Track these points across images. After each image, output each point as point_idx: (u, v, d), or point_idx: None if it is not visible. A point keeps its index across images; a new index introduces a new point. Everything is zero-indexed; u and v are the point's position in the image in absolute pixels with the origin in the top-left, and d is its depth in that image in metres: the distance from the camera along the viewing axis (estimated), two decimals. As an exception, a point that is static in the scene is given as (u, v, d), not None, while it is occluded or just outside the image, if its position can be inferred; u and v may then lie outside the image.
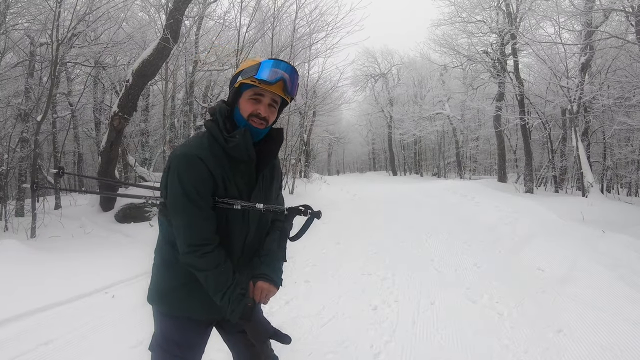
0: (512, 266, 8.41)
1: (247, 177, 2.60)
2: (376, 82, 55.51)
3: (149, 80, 14.21)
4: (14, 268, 8.01)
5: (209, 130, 2.54)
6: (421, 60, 38.91)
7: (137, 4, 16.95)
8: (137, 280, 8.17)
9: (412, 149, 54.09)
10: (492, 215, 13.52)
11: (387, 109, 51.80)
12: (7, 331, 5.83)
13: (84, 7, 12.75)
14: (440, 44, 29.40)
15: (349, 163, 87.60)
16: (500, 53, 24.21)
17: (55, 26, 11.31)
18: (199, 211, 2.42)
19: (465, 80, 31.12)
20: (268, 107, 2.51)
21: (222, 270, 2.45)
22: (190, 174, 2.41)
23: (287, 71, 2.48)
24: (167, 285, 2.66)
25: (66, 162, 28.38)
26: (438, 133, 44.38)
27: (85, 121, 24.51)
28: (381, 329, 5.56)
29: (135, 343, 5.31)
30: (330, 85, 28.80)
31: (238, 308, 2.46)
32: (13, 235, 10.78)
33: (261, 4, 18.41)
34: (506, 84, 24.42)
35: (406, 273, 8.04)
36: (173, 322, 2.72)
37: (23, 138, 13.64)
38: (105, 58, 18.13)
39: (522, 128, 22.90)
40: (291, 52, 21.34)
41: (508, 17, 23.15)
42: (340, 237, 11.66)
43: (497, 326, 5.53)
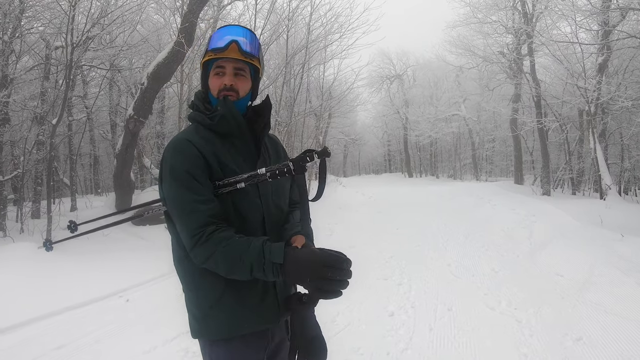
0: (530, 271, 8.31)
1: (245, 151, 2.37)
2: (392, 84, 55.41)
3: (164, 83, 14.23)
4: (29, 271, 8.03)
5: (192, 119, 2.40)
6: (437, 62, 38.70)
7: (152, 6, 17.00)
8: (152, 283, 8.20)
9: (428, 151, 53.91)
10: (508, 218, 13.39)
11: (403, 111, 51.64)
12: (20, 335, 5.88)
13: (98, 11, 12.80)
14: (455, 45, 29.28)
15: (365, 165, 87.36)
16: (516, 54, 24.04)
17: (69, 30, 11.34)
18: (196, 195, 2.16)
19: (481, 81, 30.96)
20: (234, 76, 2.33)
21: (235, 240, 2.08)
22: (178, 157, 2.22)
23: (238, 33, 2.33)
24: (203, 307, 2.30)
25: (82, 164, 28.56)
26: (454, 135, 44.13)
27: (101, 124, 24.68)
28: (397, 335, 5.50)
29: (149, 348, 5.31)
30: (345, 87, 28.78)
31: (274, 247, 2.02)
32: (28, 238, 10.83)
33: (276, 6, 18.39)
34: (522, 85, 24.26)
35: (423, 278, 7.98)
36: (225, 347, 2.32)
37: (39, 141, 13.71)
38: (121, 61, 18.24)
39: (539, 130, 22.72)
40: (306, 53, 21.33)
41: (524, 17, 22.99)
42: (355, 241, 11.61)
43: (516, 334, 5.44)
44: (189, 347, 5.15)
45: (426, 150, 54.46)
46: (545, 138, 22.77)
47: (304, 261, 1.94)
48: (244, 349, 2.31)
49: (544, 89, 22.60)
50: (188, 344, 5.16)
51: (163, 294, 7.35)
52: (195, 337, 2.38)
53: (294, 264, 1.95)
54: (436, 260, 9.35)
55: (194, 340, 2.41)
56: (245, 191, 2.25)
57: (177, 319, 4.97)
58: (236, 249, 2.04)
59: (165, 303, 6.72)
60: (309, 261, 1.93)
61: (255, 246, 2.02)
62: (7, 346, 5.57)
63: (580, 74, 17.84)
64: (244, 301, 2.24)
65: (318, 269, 1.90)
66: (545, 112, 22.42)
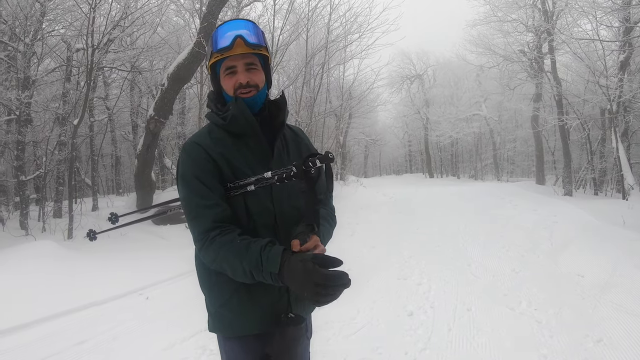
0: (550, 272, 8.22)
1: (258, 152, 2.33)
2: (412, 84, 55.19)
3: (184, 83, 14.33)
4: (50, 268, 8.14)
5: (208, 119, 2.41)
6: (457, 61, 38.44)
7: (172, 9, 17.11)
8: (172, 282, 8.26)
9: (449, 151, 53.52)
10: (530, 218, 13.28)
11: (424, 111, 51.43)
12: (42, 331, 5.98)
13: (119, 13, 12.91)
14: (476, 44, 29.13)
15: (386, 165, 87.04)
16: (537, 52, 23.85)
17: (90, 32, 11.45)
18: (202, 199, 2.18)
19: (502, 80, 30.72)
20: (247, 72, 2.29)
21: (238, 242, 2.07)
22: (187, 161, 2.26)
23: (240, 27, 2.28)
24: (217, 304, 2.35)
25: (104, 165, 28.79)
26: (475, 135, 43.81)
27: (122, 124, 24.86)
28: (416, 335, 5.48)
29: (166, 345, 5.37)
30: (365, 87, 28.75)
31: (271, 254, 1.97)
32: (50, 236, 10.98)
33: (294, 6, 18.42)
34: (544, 84, 24.07)
35: (442, 278, 7.94)
36: (239, 343, 2.35)
37: (61, 141, 13.89)
38: (142, 62, 18.36)
39: (561, 129, 22.52)
40: (326, 53, 21.36)
41: (544, 15, 22.81)
42: (375, 241, 11.61)
43: (536, 335, 5.38)
44: (207, 344, 5.19)
45: (447, 151, 54.10)
46: (567, 137, 22.56)
47: (297, 275, 1.88)
48: (256, 345, 2.31)
49: (565, 88, 22.43)
50: (206, 342, 5.20)
51: (182, 292, 7.39)
52: (211, 331, 2.42)
53: (288, 274, 1.91)
54: (456, 260, 9.30)
55: (212, 338, 2.45)
56: (256, 193, 2.23)
57: (195, 317, 5.00)
58: (236, 255, 2.04)
59: (184, 301, 6.76)
60: (301, 277, 1.85)
61: (253, 252, 2.00)
62: (29, 341, 5.67)
63: (602, 72, 17.68)
64: (255, 302, 2.25)
65: (310, 286, 1.83)
66: (566, 110, 22.22)
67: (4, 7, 12.48)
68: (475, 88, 40.74)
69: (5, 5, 12.47)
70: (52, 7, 13.31)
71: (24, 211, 11.97)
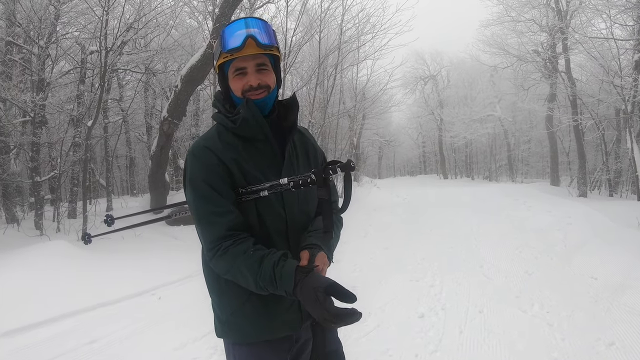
0: (563, 274, 8.17)
1: (269, 156, 2.27)
2: (426, 84, 55.07)
3: (198, 85, 14.38)
4: (64, 268, 8.21)
5: (216, 120, 2.32)
6: (471, 62, 38.20)
7: (185, 11, 17.17)
8: (184, 282, 8.30)
9: (463, 152, 53.28)
10: (544, 220, 13.21)
11: (437, 112, 51.29)
12: (54, 329, 6.04)
13: (132, 16, 12.98)
14: (489, 45, 28.94)
15: (400, 166, 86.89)
16: (551, 52, 23.72)
17: (103, 34, 11.52)
18: (213, 206, 2.12)
19: (516, 81, 30.56)
20: (257, 73, 2.21)
21: (251, 254, 2.04)
22: (196, 165, 2.18)
23: (251, 25, 2.18)
24: (227, 310, 2.29)
25: (118, 166, 28.94)
26: (489, 135, 43.59)
27: (137, 126, 24.99)
28: (427, 337, 5.47)
29: (178, 345, 5.41)
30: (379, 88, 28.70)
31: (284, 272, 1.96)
32: (65, 237, 11.08)
33: (307, 7, 18.43)
34: (558, 84, 23.93)
35: (454, 280, 7.92)
36: (249, 350, 2.31)
37: (75, 142, 14.00)
38: (155, 64, 18.43)
39: (575, 129, 22.40)
40: (339, 54, 21.34)
41: (558, 14, 22.68)
42: (388, 242, 11.59)
43: (547, 337, 5.37)
44: (218, 344, 5.18)
45: (461, 152, 53.87)
46: (582, 138, 22.42)
47: (308, 302, 1.88)
48: (267, 352, 2.29)
49: (579, 88, 22.28)
50: (217, 342, 5.20)
51: (194, 292, 7.40)
52: (219, 336, 2.39)
53: (301, 296, 1.91)
54: (469, 261, 9.27)
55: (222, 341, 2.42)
56: (268, 199, 2.19)
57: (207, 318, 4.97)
58: (249, 268, 2.01)
59: (196, 301, 6.76)
60: (312, 306, 1.87)
61: (267, 268, 1.98)
62: (41, 339, 5.73)
63: (616, 71, 17.56)
64: (268, 309, 2.21)
65: (318, 316, 1.86)
66: (581, 111, 22.06)
67: (18, 11, 12.59)
68: (489, 89, 40.55)
69: (20, 8, 12.58)
70: (66, 10, 13.41)
71: (38, 211, 12.06)
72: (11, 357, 5.24)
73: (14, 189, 13.67)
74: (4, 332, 5.79)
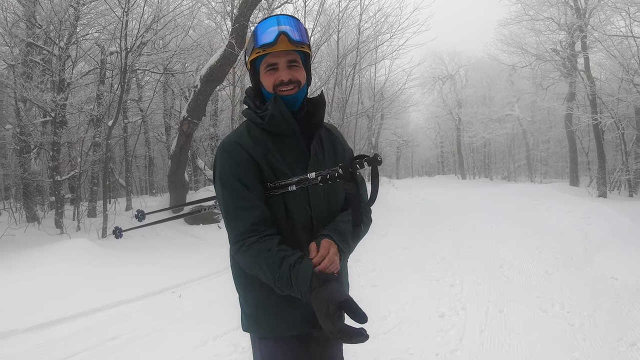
0: (584, 274, 8.12)
1: (296, 151, 2.30)
2: (444, 84, 54.85)
3: (217, 85, 14.43)
4: (85, 266, 8.30)
5: (245, 116, 2.37)
6: (489, 61, 37.90)
7: (203, 12, 17.25)
8: (204, 280, 8.33)
9: (482, 152, 52.99)
10: (563, 220, 13.13)
11: (456, 111, 51.14)
12: (75, 326, 6.08)
13: (151, 17, 13.06)
14: (507, 44, 28.81)
15: (418, 167, 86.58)
16: (569, 51, 23.55)
17: (123, 35, 11.61)
18: (241, 201, 2.15)
19: (534, 80, 30.36)
20: (288, 69, 2.23)
21: (274, 254, 2.06)
22: (226, 160, 2.21)
23: (283, 22, 2.20)
24: (253, 304, 2.32)
25: (137, 166, 29.09)
26: (508, 135, 43.36)
27: (156, 126, 25.10)
28: (447, 336, 5.46)
29: (199, 343, 5.44)
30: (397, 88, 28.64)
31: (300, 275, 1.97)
32: (85, 235, 11.18)
33: (325, 7, 18.44)
34: (577, 83, 23.76)
35: (474, 279, 7.89)
36: (275, 344, 2.32)
37: (95, 142, 14.13)
38: (174, 65, 18.52)
39: (595, 129, 22.19)
40: (357, 54, 21.33)
41: (576, 12, 22.52)
42: (407, 242, 11.59)
43: (568, 337, 5.33)
44: (239, 342, 5.22)
45: (480, 152, 53.57)
46: (601, 137, 22.21)
47: (319, 312, 1.90)
48: (293, 346, 2.30)
49: (598, 87, 22.10)
50: (238, 340, 5.24)
51: (214, 290, 7.46)
52: (246, 330, 2.41)
53: (314, 302, 1.93)
54: (489, 261, 9.23)
55: (244, 336, 2.42)
56: (295, 194, 2.21)
57: (227, 316, 5.06)
58: (270, 268, 2.03)
59: (216, 300, 6.82)
60: (322, 318, 1.90)
61: (284, 271, 2.00)
62: (63, 335, 5.78)
63: (636, 70, 17.41)
64: (293, 304, 2.19)
65: (326, 328, 1.89)
66: (600, 110, 21.88)
67: (38, 12, 12.71)
68: (507, 88, 40.36)
69: (40, 10, 12.70)
70: (86, 11, 13.52)
71: (59, 210, 12.18)
72: (32, 353, 5.29)
73: (35, 188, 13.78)
74: (26, 329, 5.85)
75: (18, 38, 13.10)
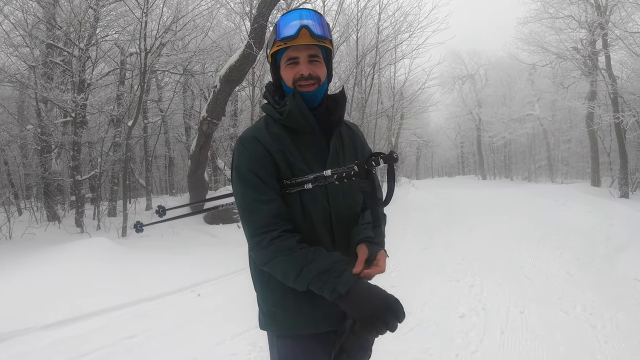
0: (606, 275, 8.02)
1: (315, 147, 2.29)
2: (464, 84, 54.67)
3: (236, 85, 14.46)
4: (105, 264, 8.36)
5: (264, 111, 2.34)
6: (509, 60, 37.61)
7: (222, 12, 17.29)
8: (223, 279, 8.36)
9: (502, 152, 52.76)
10: (585, 221, 13.02)
11: (476, 111, 50.95)
12: (93, 324, 6.13)
13: (170, 18, 13.13)
14: (527, 42, 28.60)
15: (438, 167, 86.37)
16: (590, 49, 23.33)
17: (142, 36, 11.68)
18: (258, 194, 2.13)
19: (555, 79, 30.12)
20: (309, 64, 2.21)
21: (297, 251, 2.05)
22: (245, 155, 2.20)
23: (305, 17, 2.19)
24: (270, 302, 2.31)
25: (158, 166, 29.23)
26: (528, 135, 43.16)
27: (176, 126, 25.22)
28: (468, 337, 5.41)
29: (218, 340, 5.46)
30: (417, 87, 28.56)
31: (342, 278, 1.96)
32: (105, 234, 11.25)
33: (343, 7, 18.42)
34: (598, 82, 23.52)
35: (495, 280, 7.82)
36: (292, 342, 2.30)
37: (115, 142, 14.23)
38: (194, 65, 18.59)
39: (616, 128, 21.95)
40: (376, 54, 21.30)
41: (597, 9, 22.30)
42: (428, 242, 11.56)
43: (590, 339, 5.26)
44: (257, 341, 5.24)
45: (500, 152, 53.36)
46: (623, 137, 21.96)
47: (363, 313, 1.91)
48: (311, 345, 2.28)
49: (620, 85, 21.86)
50: (256, 339, 5.26)
51: (233, 289, 7.48)
52: (263, 329, 2.39)
53: (353, 304, 1.93)
54: (509, 262, 9.15)
55: (262, 335, 2.41)
56: (312, 191, 2.20)
57: (246, 315, 5.04)
58: (294, 264, 2.02)
59: (235, 298, 6.84)
60: (369, 313, 1.91)
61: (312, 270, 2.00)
62: (81, 332, 5.83)
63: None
64: (311, 302, 2.18)
65: (368, 328, 1.92)
66: (622, 109, 21.64)
67: (58, 14, 12.82)
68: (527, 87, 40.14)
69: (60, 12, 12.81)
70: (105, 13, 13.65)
71: (79, 209, 12.27)
72: (51, 349, 5.34)
73: (55, 188, 13.91)
74: (44, 325, 5.91)
75: (38, 39, 13.24)
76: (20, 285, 7.01)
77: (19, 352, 5.24)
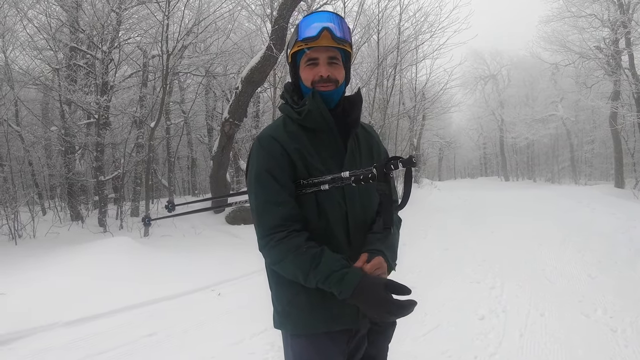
0: (628, 278, 7.92)
1: (332, 148, 2.29)
2: (486, 84, 54.34)
3: (258, 86, 14.53)
4: (126, 263, 8.50)
5: (282, 111, 2.37)
6: (531, 60, 37.32)
7: (243, 14, 17.37)
8: (244, 279, 8.42)
9: (525, 153, 52.38)
10: (608, 223, 12.91)
11: (498, 112, 50.63)
12: (114, 321, 6.22)
13: (192, 20, 13.23)
14: (550, 42, 28.45)
15: (460, 168, 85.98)
16: (613, 48, 23.11)
17: (164, 39, 11.78)
18: (272, 196, 2.15)
19: (578, 78, 29.87)
20: (328, 65, 2.24)
21: (304, 251, 2.07)
22: (261, 154, 2.22)
23: (326, 19, 2.21)
24: (284, 301, 2.31)
25: (180, 167, 29.41)
26: (551, 136, 42.76)
27: (198, 127, 25.38)
28: (487, 339, 5.39)
29: (236, 340, 5.49)
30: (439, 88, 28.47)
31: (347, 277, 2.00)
32: (127, 234, 11.35)
33: (364, 8, 18.42)
34: (622, 81, 23.30)
35: (516, 282, 7.77)
36: (307, 341, 2.30)
37: (138, 143, 14.35)
38: (216, 67, 18.70)
39: (641, 128, 21.77)
40: (398, 54, 21.26)
41: (620, 8, 22.10)
42: (448, 243, 11.50)
43: (610, 343, 5.21)
44: (275, 341, 5.24)
45: (523, 153, 52.97)
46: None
47: (371, 301, 1.98)
48: (325, 343, 2.28)
49: (644, 85, 21.67)
50: (274, 339, 5.27)
51: (253, 289, 7.51)
52: (277, 328, 2.41)
53: (361, 297, 1.99)
54: (530, 264, 9.09)
55: (280, 334, 2.43)
56: (329, 191, 2.20)
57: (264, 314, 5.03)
58: (302, 263, 2.06)
59: (254, 298, 6.86)
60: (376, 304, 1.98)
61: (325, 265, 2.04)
62: (102, 330, 5.92)
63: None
64: (324, 301, 2.18)
65: (382, 313, 1.99)
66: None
67: (81, 18, 12.98)
68: (550, 87, 39.78)
69: (83, 15, 12.97)
70: (128, 16, 13.79)
71: (102, 210, 12.40)
72: (72, 346, 5.42)
73: (79, 188, 14.06)
74: (66, 322, 6.00)
75: (62, 43, 13.43)
76: (44, 283, 7.12)
77: (39, 349, 5.33)
